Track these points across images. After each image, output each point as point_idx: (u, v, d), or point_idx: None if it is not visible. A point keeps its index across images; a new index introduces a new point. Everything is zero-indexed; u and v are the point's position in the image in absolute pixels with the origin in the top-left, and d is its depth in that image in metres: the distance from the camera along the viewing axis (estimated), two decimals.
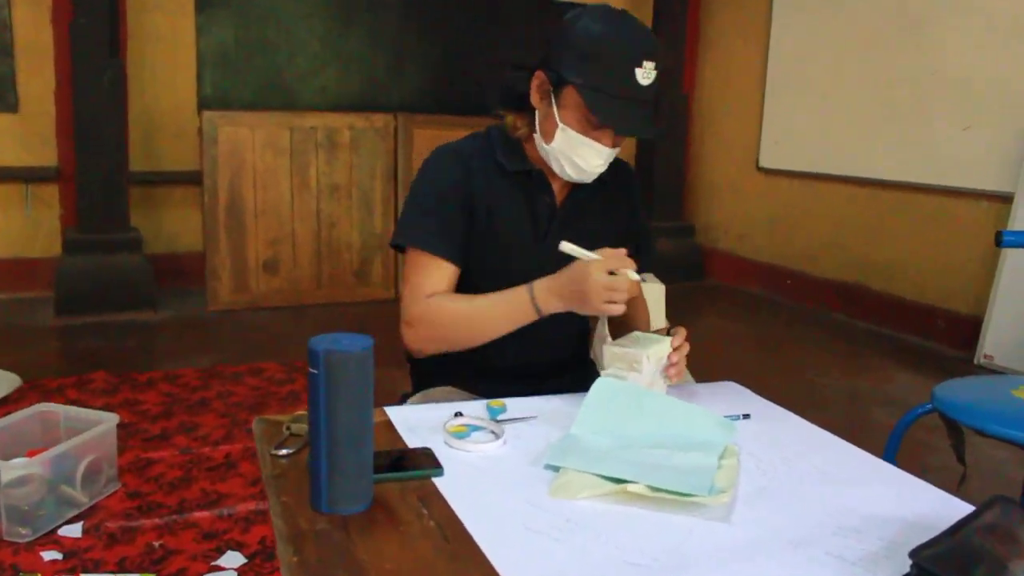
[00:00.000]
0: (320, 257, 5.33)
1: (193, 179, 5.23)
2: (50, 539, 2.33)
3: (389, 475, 1.24)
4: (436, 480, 1.25)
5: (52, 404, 2.65)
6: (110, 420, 2.56)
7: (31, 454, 2.44)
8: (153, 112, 5.43)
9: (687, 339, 1.62)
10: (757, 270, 6.34)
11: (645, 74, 1.54)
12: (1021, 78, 4.49)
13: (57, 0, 5.05)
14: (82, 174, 4.86)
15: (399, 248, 1.72)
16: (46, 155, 5.22)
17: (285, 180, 5.17)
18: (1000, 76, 4.58)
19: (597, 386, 1.44)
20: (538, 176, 1.72)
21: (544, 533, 1.10)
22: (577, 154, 1.61)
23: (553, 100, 1.60)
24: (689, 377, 3.53)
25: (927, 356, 4.78)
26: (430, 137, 5.45)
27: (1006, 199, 4.54)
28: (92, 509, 2.51)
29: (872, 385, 4.21)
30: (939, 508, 1.23)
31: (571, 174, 1.65)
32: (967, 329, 4.73)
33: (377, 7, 5.66)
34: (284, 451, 1.33)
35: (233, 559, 2.27)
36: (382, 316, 5.37)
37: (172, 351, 4.34)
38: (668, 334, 1.63)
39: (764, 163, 6.26)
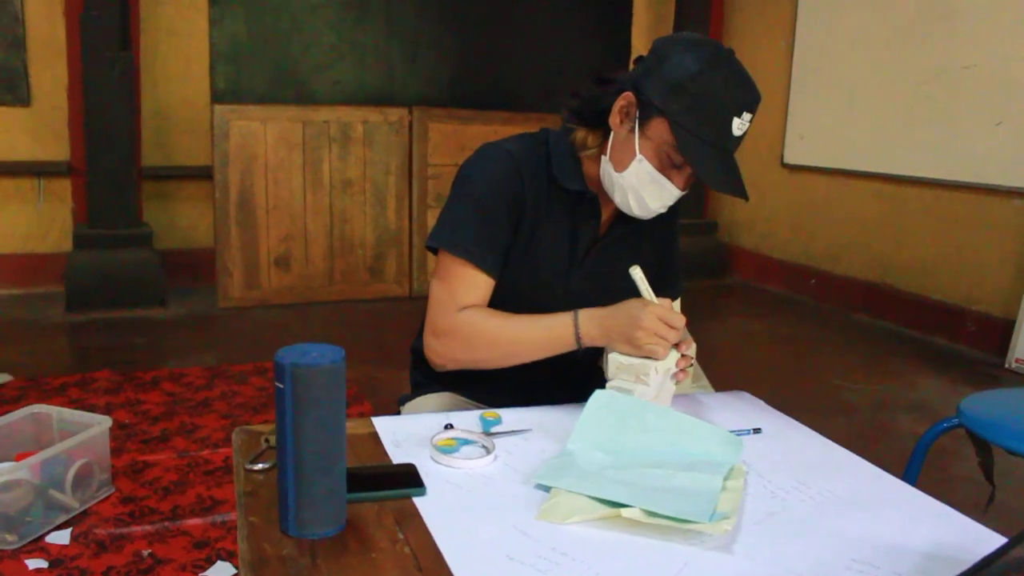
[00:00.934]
0: (333, 253, 5.26)
1: (206, 174, 5.17)
2: (37, 546, 2.26)
3: (364, 495, 1.17)
4: (417, 500, 1.17)
5: (45, 405, 2.58)
6: (103, 423, 2.48)
7: (20, 457, 2.37)
8: (166, 106, 5.38)
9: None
10: (780, 268, 6.22)
11: (741, 125, 1.42)
12: None
13: None
14: (92, 169, 4.82)
15: (434, 249, 1.59)
16: (58, 149, 5.19)
17: (297, 175, 5.10)
18: None
19: (595, 398, 1.35)
20: (592, 201, 1.59)
21: (527, 564, 1.02)
22: (646, 191, 1.49)
23: (636, 127, 1.46)
24: (707, 384, 3.42)
25: (955, 360, 4.64)
26: (447, 131, 5.36)
27: None
28: (83, 515, 2.44)
29: (897, 390, 4.08)
30: (964, 537, 1.13)
31: (633, 209, 1.52)
32: (998, 332, 4.59)
33: None
34: (260, 465, 1.27)
35: (222, 570, 2.20)
36: (396, 314, 5.33)
37: (180, 349, 4.29)
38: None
39: (789, 159, 6.14)
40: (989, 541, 1.11)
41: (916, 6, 5.06)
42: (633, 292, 1.47)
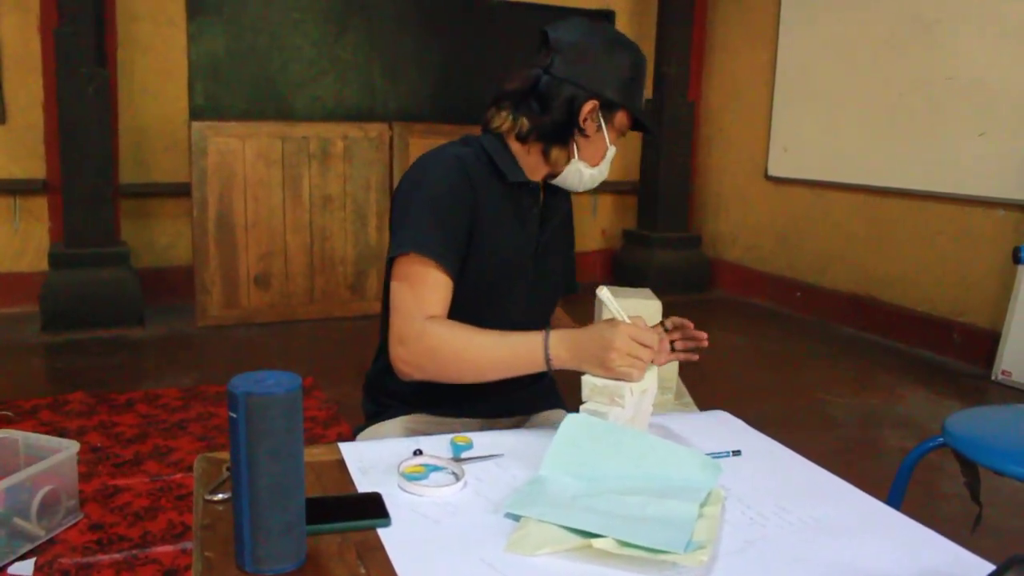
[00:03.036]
0: (313, 271, 5.21)
1: (184, 191, 5.12)
2: None
3: (325, 526, 1.12)
4: (381, 531, 1.12)
5: (11, 430, 2.51)
6: (70, 447, 2.42)
7: None
8: (144, 123, 5.33)
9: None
10: (765, 282, 6.20)
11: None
12: None
13: (45, 9, 4.97)
14: (68, 187, 4.76)
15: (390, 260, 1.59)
16: (34, 167, 5.14)
17: (277, 192, 5.05)
18: (1016, 81, 4.43)
19: (568, 422, 1.30)
20: (534, 189, 1.68)
21: None
22: (602, 170, 1.68)
23: (604, 127, 1.63)
24: (690, 400, 3.38)
25: (942, 372, 4.62)
26: (427, 146, 5.28)
27: None
28: (49, 543, 2.37)
29: (883, 404, 4.05)
30: (949, 564, 1.10)
31: (588, 186, 1.70)
32: (984, 344, 4.57)
33: (372, 13, 5.55)
34: (220, 496, 1.22)
35: None
36: (378, 331, 5.24)
37: (157, 369, 4.23)
38: (664, 328, 1.59)
39: (773, 172, 6.13)
40: (975, 567, 1.07)
41: (898, 18, 5.07)
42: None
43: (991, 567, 0.95)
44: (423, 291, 1.51)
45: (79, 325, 4.72)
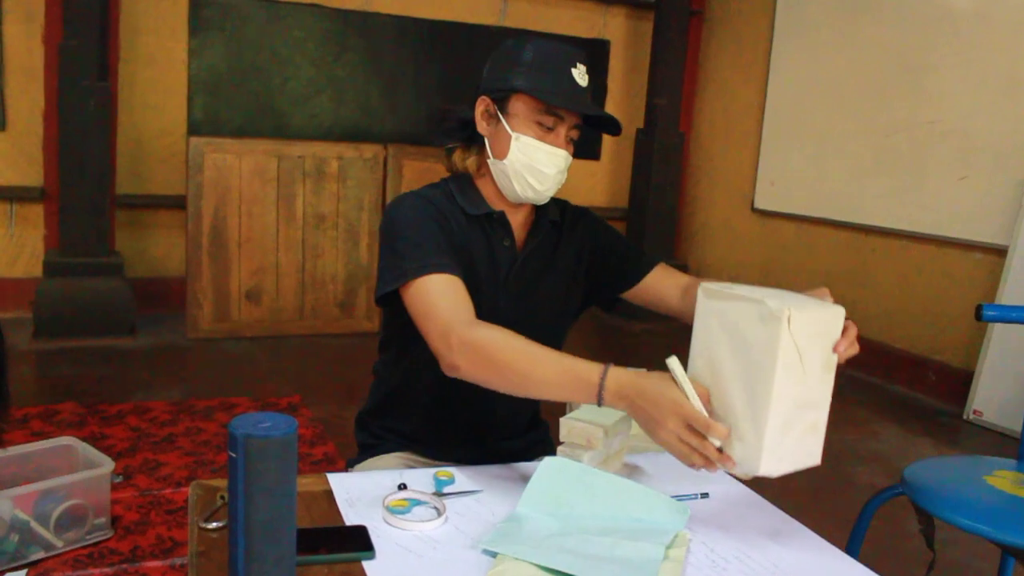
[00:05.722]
0: (304, 288, 5.27)
1: (180, 203, 5.17)
2: None
3: (313, 558, 1.18)
4: (366, 563, 1.18)
5: (72, 438, 2.65)
6: (106, 465, 2.50)
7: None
8: (142, 135, 5.39)
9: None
10: None
11: (580, 75, 1.60)
12: (1016, 131, 4.45)
13: (49, 19, 5.02)
14: (65, 198, 4.80)
15: (382, 301, 1.60)
16: (32, 175, 5.18)
17: (271, 209, 5.11)
18: (996, 128, 4.54)
19: (544, 464, 1.37)
20: (500, 218, 1.69)
21: None
22: (535, 160, 1.60)
23: (501, 116, 1.62)
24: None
25: (916, 409, 4.70)
26: (421, 169, 5.40)
27: (1000, 251, 4.49)
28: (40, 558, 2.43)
29: (857, 439, 4.12)
30: None
31: (534, 185, 1.62)
32: (958, 383, 4.66)
33: (372, 34, 5.62)
34: (215, 524, 1.27)
35: None
36: (365, 350, 5.29)
37: (147, 380, 4.27)
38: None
39: (759, 204, 6.22)
40: None
41: (885, 62, 5.17)
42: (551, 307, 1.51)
43: None
44: (451, 299, 1.50)
45: (71, 333, 4.76)
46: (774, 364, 1.22)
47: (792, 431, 1.30)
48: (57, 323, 4.76)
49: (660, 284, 1.78)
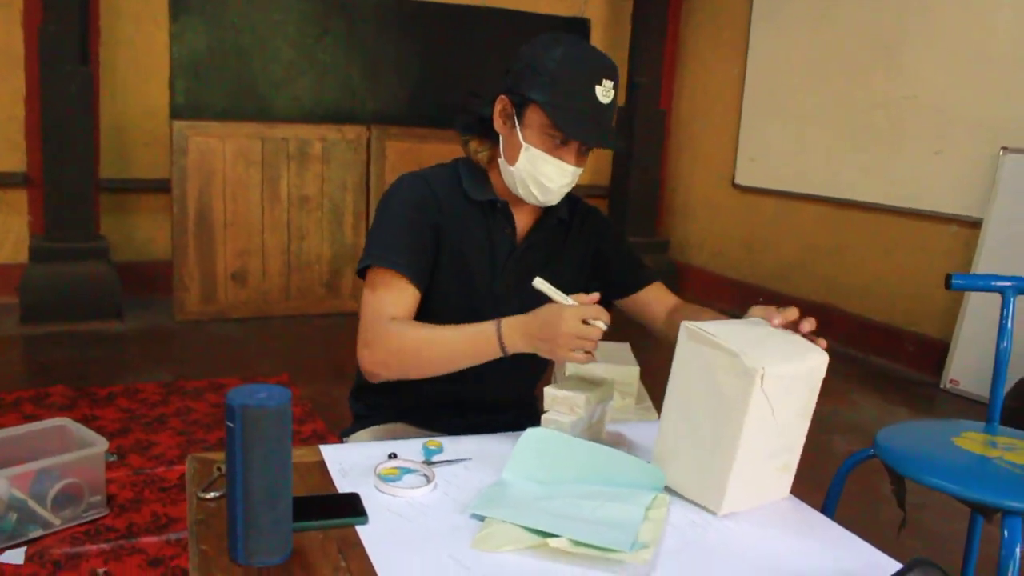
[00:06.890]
0: (289, 269, 5.30)
1: (165, 187, 5.18)
2: None
3: (309, 524, 1.22)
4: (360, 528, 1.23)
5: (66, 419, 2.67)
6: (100, 444, 2.54)
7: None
8: (124, 118, 5.39)
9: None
10: (730, 287, 6.34)
11: (604, 92, 1.59)
12: (991, 105, 4.51)
13: (29, 3, 5.00)
14: (49, 182, 4.82)
15: (362, 272, 1.69)
16: (15, 160, 5.17)
17: (255, 191, 5.14)
18: (970, 103, 4.60)
19: (528, 434, 1.42)
20: (503, 208, 1.73)
21: None
22: (541, 173, 1.62)
23: (516, 122, 1.63)
24: (650, 404, 3.49)
25: (894, 380, 4.79)
26: (404, 150, 5.43)
27: (975, 224, 4.56)
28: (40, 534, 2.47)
29: (837, 410, 4.19)
30: (867, 565, 1.23)
31: (537, 195, 1.66)
32: (935, 353, 4.74)
33: (353, 16, 5.62)
34: (212, 494, 1.31)
35: None
36: (350, 329, 5.30)
37: (136, 362, 4.30)
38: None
39: (740, 180, 6.27)
40: (887, 568, 1.19)
41: (862, 38, 5.22)
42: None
43: (901, 567, 1.09)
44: (386, 296, 1.62)
45: (58, 317, 4.78)
46: (742, 419, 1.29)
47: (760, 474, 1.37)
48: (44, 308, 4.78)
49: (651, 303, 1.87)
